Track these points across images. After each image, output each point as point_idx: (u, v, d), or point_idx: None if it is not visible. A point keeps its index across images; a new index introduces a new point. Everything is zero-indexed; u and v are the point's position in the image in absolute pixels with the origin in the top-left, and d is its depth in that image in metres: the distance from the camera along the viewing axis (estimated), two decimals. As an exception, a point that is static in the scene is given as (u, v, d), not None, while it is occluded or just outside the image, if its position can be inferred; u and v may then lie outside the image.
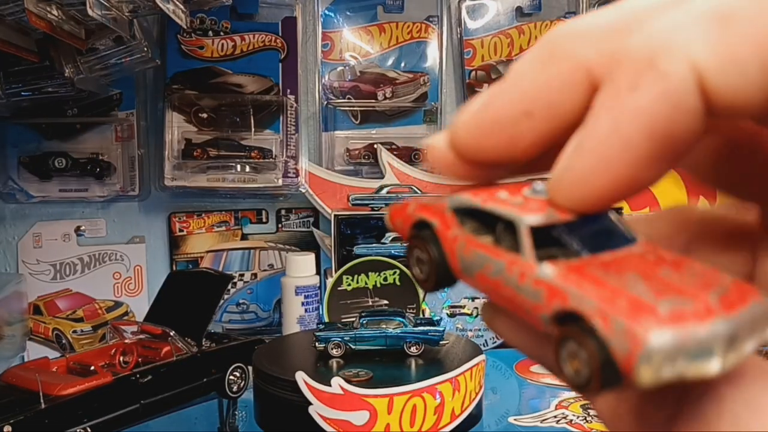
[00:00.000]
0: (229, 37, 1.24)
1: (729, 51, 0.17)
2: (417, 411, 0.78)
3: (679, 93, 0.18)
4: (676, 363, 0.16)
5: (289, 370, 0.79)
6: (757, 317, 0.17)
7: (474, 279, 0.21)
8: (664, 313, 0.16)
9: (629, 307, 0.17)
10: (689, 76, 0.18)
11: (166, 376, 0.88)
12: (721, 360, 0.16)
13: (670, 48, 0.18)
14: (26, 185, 1.20)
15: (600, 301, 0.17)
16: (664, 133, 0.18)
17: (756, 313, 0.17)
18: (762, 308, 0.17)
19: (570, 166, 0.20)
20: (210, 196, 1.29)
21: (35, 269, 1.23)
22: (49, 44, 0.92)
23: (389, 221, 0.25)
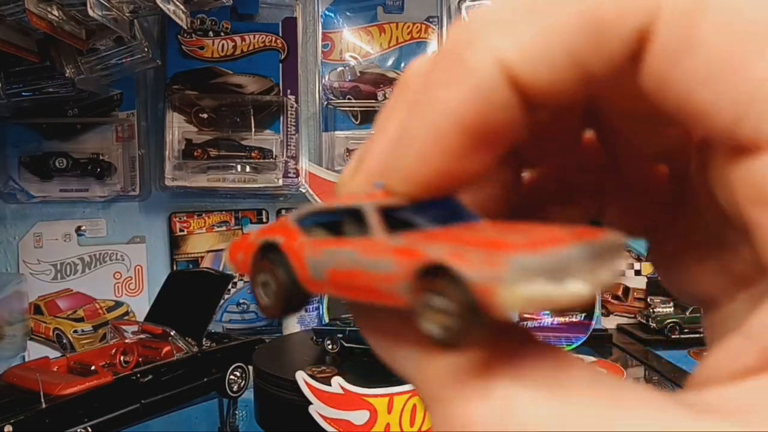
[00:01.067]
0: (229, 37, 1.24)
1: (535, 44, 0.17)
2: (417, 410, 0.78)
3: (487, 88, 0.18)
4: (536, 283, 0.16)
5: (290, 370, 0.79)
6: (610, 247, 0.17)
7: (326, 281, 0.20)
8: (519, 242, 0.16)
9: (484, 243, 0.17)
10: (496, 70, 0.18)
11: (167, 375, 0.88)
12: (581, 281, 0.16)
13: (479, 42, 0.18)
14: (27, 185, 1.20)
15: (454, 246, 0.17)
16: (478, 126, 0.18)
17: (608, 244, 0.17)
18: (613, 240, 0.17)
19: (395, 160, 0.20)
20: (210, 196, 1.29)
21: (36, 269, 1.23)
22: (49, 44, 0.92)
23: (229, 260, 0.24)
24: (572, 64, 0.17)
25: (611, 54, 0.17)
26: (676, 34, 0.17)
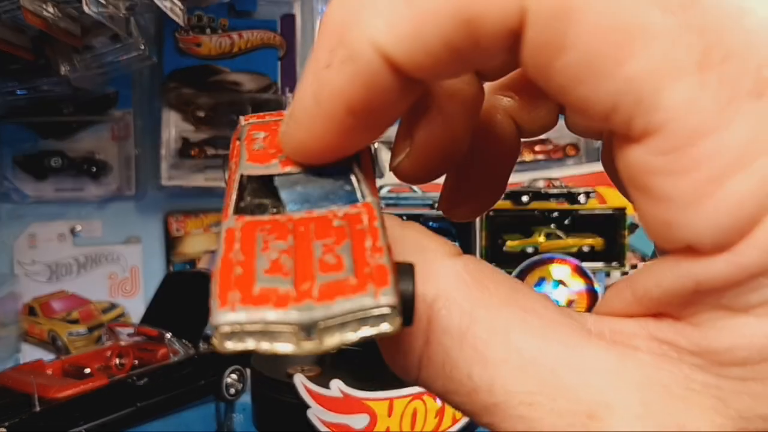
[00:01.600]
0: (227, 34, 1.23)
1: (410, 33, 0.18)
2: (417, 414, 0.77)
3: (369, 73, 0.19)
4: (242, 338, 0.17)
5: (288, 373, 0.79)
6: (354, 315, 0.17)
7: None
8: (255, 292, 0.17)
9: (235, 281, 0.17)
10: (374, 55, 0.18)
11: (163, 378, 0.87)
12: (291, 344, 0.17)
13: (356, 28, 0.19)
14: (21, 185, 1.19)
15: (221, 274, 0.18)
16: (363, 107, 0.19)
17: (354, 310, 0.17)
18: (364, 305, 0.17)
19: (286, 131, 0.22)
20: (207, 196, 1.28)
21: (30, 270, 1.22)
22: (44, 42, 0.91)
23: None
24: (450, 54, 0.18)
25: (486, 48, 0.18)
26: (545, 36, 0.17)
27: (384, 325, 0.17)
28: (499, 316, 0.19)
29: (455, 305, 0.19)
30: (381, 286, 0.17)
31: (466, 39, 0.18)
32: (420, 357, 0.20)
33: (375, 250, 0.18)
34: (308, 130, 0.21)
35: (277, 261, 0.18)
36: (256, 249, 0.18)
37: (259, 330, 0.17)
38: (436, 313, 0.19)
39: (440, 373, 0.19)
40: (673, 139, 0.17)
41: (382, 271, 0.17)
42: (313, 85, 0.20)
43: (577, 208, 1.22)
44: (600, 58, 0.17)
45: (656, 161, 0.17)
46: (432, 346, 0.19)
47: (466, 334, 0.19)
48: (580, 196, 1.22)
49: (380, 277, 0.17)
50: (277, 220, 0.20)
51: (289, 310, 0.17)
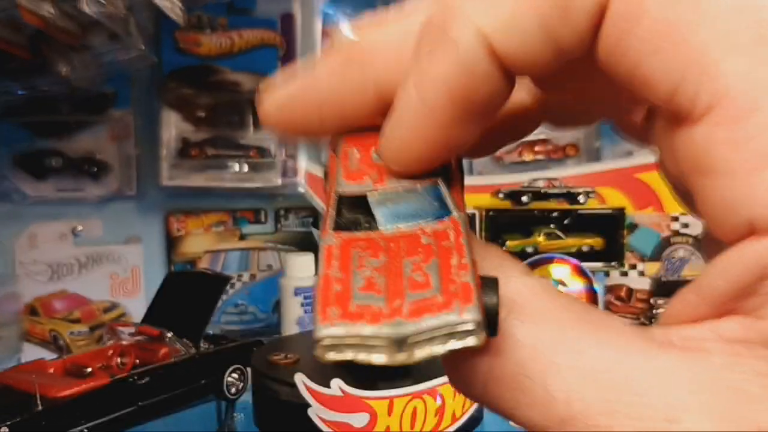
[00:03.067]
0: (226, 33, 1.23)
1: (510, 16, 0.19)
2: (417, 413, 0.77)
3: (470, 60, 0.19)
4: (342, 350, 0.18)
5: (288, 372, 0.79)
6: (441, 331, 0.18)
7: None
8: (352, 309, 0.19)
9: (334, 298, 0.19)
10: (477, 42, 0.19)
11: (164, 378, 0.87)
12: (385, 355, 0.18)
13: (459, 16, 0.19)
14: (21, 185, 1.19)
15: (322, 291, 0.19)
16: (465, 96, 0.20)
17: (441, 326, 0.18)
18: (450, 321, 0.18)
19: (390, 136, 0.22)
20: (207, 196, 1.28)
21: (31, 270, 1.22)
22: (42, 41, 0.91)
23: None
24: (545, 35, 0.19)
25: (578, 25, 0.19)
26: (626, 4, 0.18)
27: (470, 338, 0.18)
28: (573, 329, 0.19)
29: (530, 318, 0.20)
30: (466, 303, 0.18)
31: (561, 18, 0.19)
32: (489, 369, 0.20)
33: (460, 268, 0.19)
34: (410, 127, 0.21)
35: (371, 279, 0.20)
36: (352, 266, 0.20)
37: (357, 343, 0.18)
38: (509, 325, 0.20)
39: (511, 386, 0.20)
40: (734, 109, 0.17)
41: (466, 289, 0.19)
42: (414, 77, 0.20)
43: (576, 208, 1.22)
44: (671, 26, 0.17)
45: (719, 133, 0.17)
46: (503, 359, 0.20)
47: (541, 347, 0.19)
48: (580, 196, 1.22)
49: (465, 295, 0.19)
50: (371, 238, 0.21)
51: (382, 326, 0.18)
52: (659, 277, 1.29)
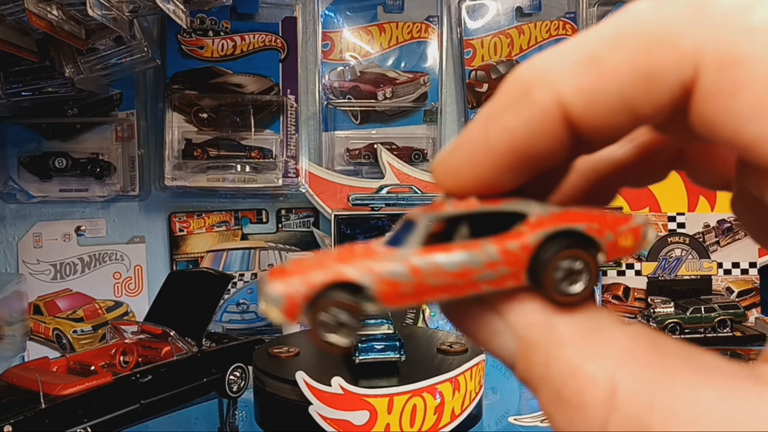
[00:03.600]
0: (229, 37, 1.24)
1: (592, 87, 0.20)
2: (417, 411, 0.78)
3: (542, 122, 0.21)
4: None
5: (290, 370, 0.79)
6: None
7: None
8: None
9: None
10: (553, 105, 0.21)
11: (167, 376, 0.88)
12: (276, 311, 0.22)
13: (542, 80, 0.21)
14: (26, 185, 1.20)
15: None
16: (525, 150, 0.22)
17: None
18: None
19: (444, 160, 0.24)
20: (210, 196, 1.29)
21: (35, 269, 1.23)
22: (49, 44, 0.92)
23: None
24: (624, 107, 0.20)
25: (660, 100, 0.20)
26: (719, 83, 0.19)
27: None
28: (684, 378, 0.20)
29: (639, 370, 0.20)
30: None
31: (643, 93, 0.20)
32: (603, 424, 0.20)
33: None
34: (467, 159, 0.23)
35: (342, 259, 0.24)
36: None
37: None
38: (620, 379, 0.20)
39: (635, 427, 0.20)
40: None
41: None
42: (486, 122, 0.22)
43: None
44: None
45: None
46: (619, 413, 0.20)
47: (656, 398, 0.20)
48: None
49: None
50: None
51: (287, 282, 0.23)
52: (655, 276, 1.30)
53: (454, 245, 0.23)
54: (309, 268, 0.23)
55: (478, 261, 0.23)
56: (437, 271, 0.23)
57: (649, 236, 0.24)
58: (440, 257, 0.23)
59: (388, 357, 0.81)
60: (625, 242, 0.24)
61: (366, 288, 0.23)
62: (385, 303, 0.23)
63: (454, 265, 0.23)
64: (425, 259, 0.23)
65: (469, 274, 0.23)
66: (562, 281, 0.23)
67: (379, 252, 0.24)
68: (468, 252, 0.23)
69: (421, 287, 0.23)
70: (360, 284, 0.23)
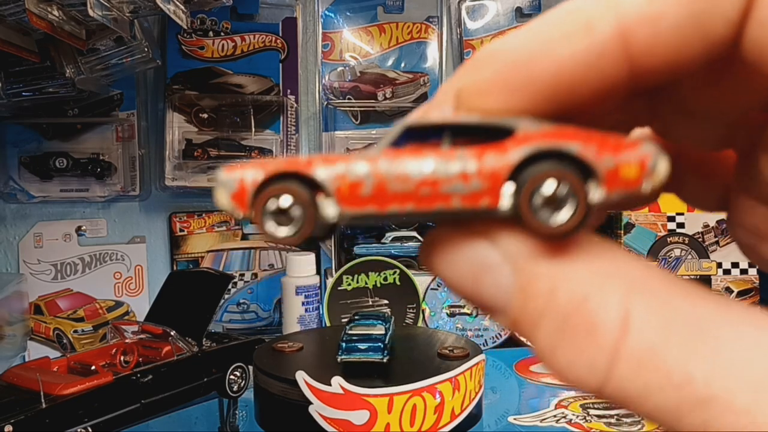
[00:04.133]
0: (229, 37, 1.24)
1: (654, 10, 0.18)
2: (417, 410, 0.78)
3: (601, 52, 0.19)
4: None
5: (290, 370, 0.79)
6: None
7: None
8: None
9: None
10: (614, 30, 0.19)
11: (167, 375, 0.88)
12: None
13: (601, 5, 0.19)
14: (27, 185, 1.20)
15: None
16: (573, 83, 0.20)
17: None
18: None
19: (475, 76, 0.21)
20: (210, 196, 1.28)
21: (36, 269, 1.23)
22: (49, 44, 0.92)
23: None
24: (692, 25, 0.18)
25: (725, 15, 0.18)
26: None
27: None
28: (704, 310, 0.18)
29: (654, 298, 0.19)
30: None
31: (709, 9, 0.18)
32: (614, 350, 0.19)
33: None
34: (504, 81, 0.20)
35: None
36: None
37: None
38: (634, 305, 0.19)
39: (643, 366, 0.18)
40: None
41: None
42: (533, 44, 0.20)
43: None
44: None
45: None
46: (631, 339, 0.18)
47: (672, 327, 0.18)
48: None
49: None
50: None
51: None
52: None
53: (426, 151, 0.21)
54: (272, 162, 0.21)
55: (449, 170, 0.20)
56: (402, 176, 0.20)
57: (660, 168, 0.20)
58: (407, 160, 0.21)
59: (370, 358, 0.81)
60: (629, 172, 0.20)
61: (321, 184, 0.21)
62: (343, 203, 0.21)
63: (422, 172, 0.20)
64: (391, 161, 0.21)
65: (437, 184, 0.20)
66: (543, 207, 0.20)
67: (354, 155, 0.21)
68: (440, 158, 0.20)
69: (383, 192, 0.20)
70: (315, 177, 0.21)
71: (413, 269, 1.22)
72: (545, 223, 0.20)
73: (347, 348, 0.82)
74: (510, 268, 0.20)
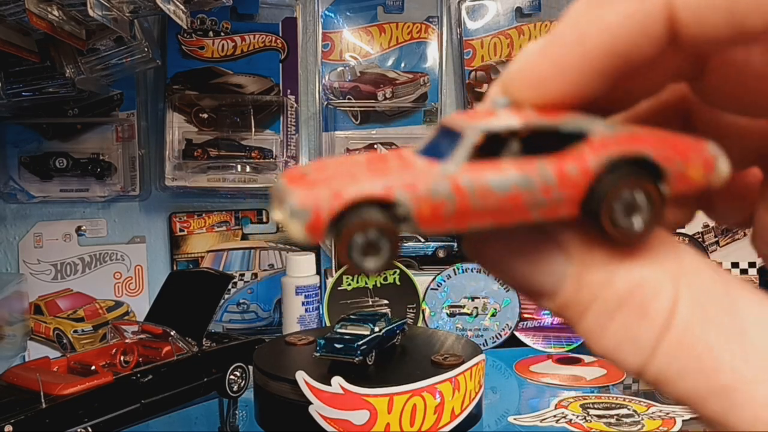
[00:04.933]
0: (229, 37, 1.24)
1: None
2: (417, 410, 0.78)
3: (647, 17, 0.19)
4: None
5: (290, 370, 0.79)
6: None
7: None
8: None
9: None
10: (661, 4, 0.19)
11: (167, 375, 0.88)
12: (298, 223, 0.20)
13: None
14: (27, 185, 1.20)
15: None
16: (625, 51, 0.19)
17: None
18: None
19: (526, 68, 0.21)
20: (210, 196, 1.29)
21: (36, 269, 1.23)
22: (49, 44, 0.92)
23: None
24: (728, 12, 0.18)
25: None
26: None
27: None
28: (745, 304, 0.19)
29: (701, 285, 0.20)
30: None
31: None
32: (660, 334, 0.19)
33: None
34: (557, 65, 0.20)
35: (377, 171, 0.21)
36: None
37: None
38: (681, 291, 0.19)
39: (683, 350, 0.19)
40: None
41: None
42: (579, 20, 0.20)
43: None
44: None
45: None
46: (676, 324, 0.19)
47: (713, 317, 0.19)
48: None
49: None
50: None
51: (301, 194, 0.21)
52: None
53: (506, 163, 0.20)
54: (336, 177, 0.20)
55: (532, 183, 0.20)
56: (486, 193, 0.20)
57: (721, 168, 0.21)
58: (490, 176, 0.20)
59: (344, 358, 0.81)
60: (696, 173, 0.20)
61: (403, 207, 0.20)
62: (423, 225, 0.20)
63: (506, 187, 0.20)
64: (473, 177, 0.20)
65: (520, 198, 0.20)
66: (622, 214, 0.20)
67: (417, 165, 0.21)
68: (522, 172, 0.20)
69: (465, 210, 0.20)
70: (397, 203, 0.20)
71: (413, 269, 1.22)
72: (625, 229, 0.20)
73: (324, 346, 0.83)
74: (564, 258, 0.21)
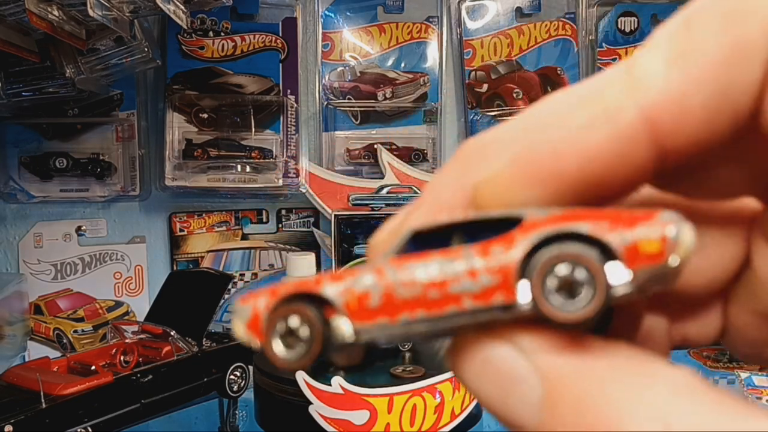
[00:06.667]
0: (229, 37, 1.24)
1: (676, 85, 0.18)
2: (417, 410, 0.78)
3: (626, 134, 0.18)
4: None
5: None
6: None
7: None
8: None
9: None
10: (637, 116, 0.18)
11: (167, 375, 0.88)
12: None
13: (623, 91, 0.18)
14: (27, 185, 1.20)
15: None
16: (602, 176, 0.19)
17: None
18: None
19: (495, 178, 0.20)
20: (210, 196, 1.29)
21: (36, 269, 1.23)
22: (49, 44, 0.92)
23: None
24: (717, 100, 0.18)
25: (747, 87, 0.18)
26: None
27: None
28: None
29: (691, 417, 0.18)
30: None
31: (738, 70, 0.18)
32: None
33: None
34: (528, 179, 0.19)
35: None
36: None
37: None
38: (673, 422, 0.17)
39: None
40: None
41: None
42: (554, 138, 0.19)
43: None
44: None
45: None
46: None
47: None
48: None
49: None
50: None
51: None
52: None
53: (432, 253, 0.20)
54: (284, 286, 0.21)
55: (455, 268, 0.19)
56: (409, 281, 0.20)
57: (684, 237, 0.18)
58: (414, 263, 0.20)
59: None
60: (649, 246, 0.18)
61: (332, 301, 0.20)
62: (354, 317, 0.20)
63: (428, 273, 0.19)
64: (397, 265, 0.20)
65: (445, 284, 0.19)
66: (559, 294, 0.18)
67: (361, 268, 0.21)
68: (444, 258, 0.20)
69: (392, 300, 0.20)
70: (323, 295, 0.20)
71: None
72: (563, 310, 0.18)
73: None
74: (537, 380, 0.19)
